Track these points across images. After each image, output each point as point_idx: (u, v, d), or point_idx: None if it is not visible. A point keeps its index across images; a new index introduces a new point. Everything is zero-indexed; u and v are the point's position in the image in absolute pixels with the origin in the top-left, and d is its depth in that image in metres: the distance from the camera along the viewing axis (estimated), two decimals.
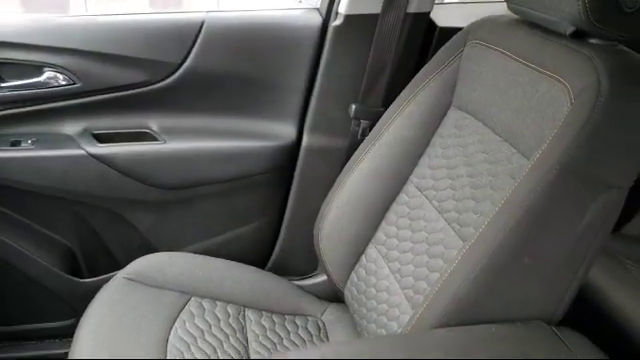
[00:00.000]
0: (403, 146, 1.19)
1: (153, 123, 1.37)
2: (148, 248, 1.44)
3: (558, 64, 0.85)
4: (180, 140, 1.36)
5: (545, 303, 0.81)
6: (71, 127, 1.34)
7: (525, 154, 0.89)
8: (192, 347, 1.11)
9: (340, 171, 1.27)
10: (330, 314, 1.30)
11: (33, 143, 1.30)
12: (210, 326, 1.18)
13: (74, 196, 1.35)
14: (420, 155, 1.18)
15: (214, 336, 1.16)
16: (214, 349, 1.12)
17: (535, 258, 0.78)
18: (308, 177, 1.41)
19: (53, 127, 1.33)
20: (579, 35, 0.86)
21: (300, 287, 1.36)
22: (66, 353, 1.13)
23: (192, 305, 1.22)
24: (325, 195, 1.28)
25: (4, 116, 1.29)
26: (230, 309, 1.24)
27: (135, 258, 1.27)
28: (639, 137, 0.78)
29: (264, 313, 1.26)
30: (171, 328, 1.14)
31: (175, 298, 1.22)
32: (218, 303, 1.24)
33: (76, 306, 1.43)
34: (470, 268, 0.80)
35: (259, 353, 1.15)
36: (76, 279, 1.43)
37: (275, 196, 1.47)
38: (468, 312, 0.80)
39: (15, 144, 1.30)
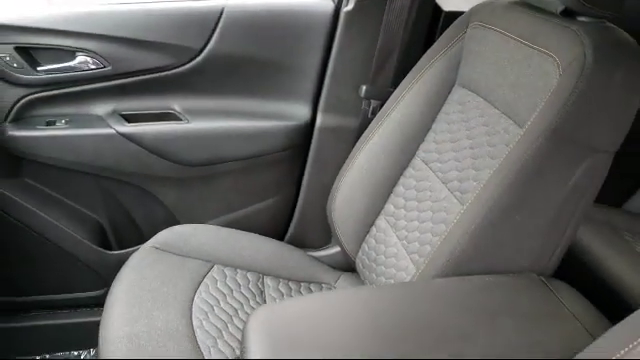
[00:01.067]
0: (410, 123, 1.26)
1: (176, 104, 1.46)
2: (172, 222, 1.53)
3: (549, 40, 0.92)
4: (202, 120, 1.46)
5: (537, 257, 0.89)
6: (101, 108, 1.44)
7: (520, 124, 0.96)
8: (215, 308, 1.20)
9: (352, 149, 1.35)
10: (343, 281, 1.38)
11: (66, 123, 1.40)
12: (232, 290, 1.27)
13: (104, 172, 1.45)
14: (427, 131, 1.26)
15: (235, 299, 1.25)
16: (235, 310, 1.21)
17: (526, 216, 0.86)
18: (322, 155, 1.49)
19: (85, 108, 1.43)
20: (569, 14, 0.93)
21: (315, 258, 1.45)
22: (97, 321, 1.22)
23: (215, 272, 1.31)
24: (338, 171, 1.36)
25: (40, 98, 1.39)
26: (250, 276, 1.32)
27: (160, 231, 1.36)
28: (622, 104, 0.85)
29: (281, 280, 1.35)
30: (195, 292, 1.23)
31: (199, 265, 1.31)
32: (238, 271, 1.33)
33: (105, 276, 1.53)
34: (467, 226, 0.88)
35: None
36: (105, 251, 1.53)
37: (291, 173, 1.56)
38: (465, 266, 0.88)
39: (50, 124, 1.40)
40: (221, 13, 1.39)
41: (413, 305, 0.79)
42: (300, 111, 1.49)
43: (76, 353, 1.60)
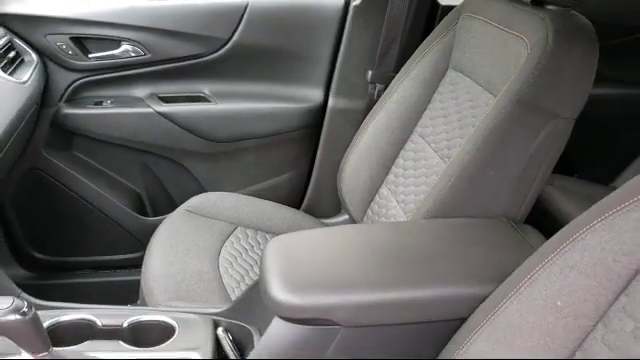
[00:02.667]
0: (410, 103, 1.42)
1: (206, 88, 1.65)
2: (201, 192, 1.70)
3: (521, 26, 1.08)
4: (227, 102, 1.64)
5: (508, 206, 1.04)
6: (141, 90, 1.63)
7: (496, 96, 1.12)
8: (238, 259, 1.38)
9: (359, 127, 1.51)
10: None
11: (111, 103, 1.60)
12: (252, 247, 1.44)
13: (143, 146, 1.64)
14: (423, 110, 1.41)
15: (255, 253, 1.42)
16: (255, 261, 1.39)
17: (498, 170, 1.02)
18: (333, 133, 1.66)
19: (127, 90, 1.63)
20: (539, 3, 1.09)
21: (327, 224, 1.62)
22: (135, 280, 1.39)
23: (238, 232, 1.48)
24: (347, 148, 1.53)
25: (90, 81, 1.59)
26: (268, 237, 1.50)
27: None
28: (579, 77, 1.01)
29: None
30: (222, 246, 1.41)
31: (224, 226, 1.48)
32: (258, 232, 1.50)
33: (142, 240, 1.72)
34: (448, 179, 1.05)
35: None
36: (142, 217, 1.72)
37: (306, 150, 1.73)
38: (446, 212, 1.04)
39: (97, 104, 1.60)
40: (245, 8, 1.57)
41: (399, 235, 0.95)
42: (314, 94, 1.67)
43: None
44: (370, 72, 1.57)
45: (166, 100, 1.63)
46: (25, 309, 0.76)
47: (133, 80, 1.62)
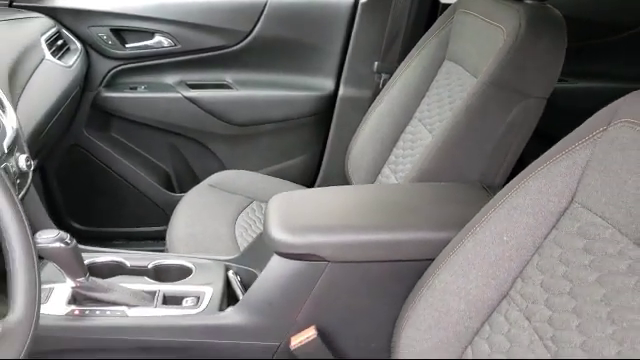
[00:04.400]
0: (410, 91, 1.56)
1: (228, 76, 1.82)
2: (222, 171, 1.88)
3: (500, 16, 1.21)
4: (247, 89, 1.81)
5: (484, 174, 1.17)
6: (171, 77, 1.81)
7: None
8: (252, 226, 1.53)
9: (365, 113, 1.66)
10: None
11: (145, 88, 1.78)
12: None
13: (171, 128, 1.82)
14: (422, 97, 1.55)
15: None
16: None
17: (474, 142, 1.15)
18: (342, 119, 1.81)
19: (159, 77, 1.81)
20: None
21: None
22: (161, 251, 1.55)
23: (254, 205, 1.64)
24: (355, 133, 1.67)
25: (126, 69, 1.78)
26: None
27: None
28: (547, 61, 1.13)
29: None
30: (239, 215, 1.56)
31: (242, 200, 1.64)
32: None
33: (169, 214, 1.88)
34: (430, 149, 1.18)
35: None
36: (170, 193, 1.89)
37: (317, 134, 1.88)
38: (428, 178, 1.18)
39: (132, 89, 1.79)
40: (265, 4, 1.74)
41: (382, 192, 1.10)
42: (325, 83, 1.82)
43: None
44: (376, 63, 1.71)
45: (193, 86, 1.80)
46: (68, 240, 0.92)
47: (164, 68, 1.80)
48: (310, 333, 0.96)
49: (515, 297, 0.79)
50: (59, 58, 1.55)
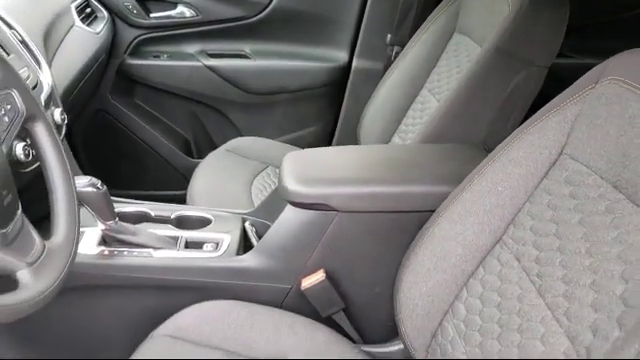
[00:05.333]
0: (420, 62, 1.62)
1: (247, 46, 1.89)
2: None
3: None
4: (265, 59, 1.88)
5: (486, 137, 1.23)
6: (192, 47, 1.88)
7: None
8: (267, 188, 1.60)
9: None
10: None
11: (167, 57, 1.86)
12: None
13: (191, 95, 1.89)
14: (432, 68, 1.60)
15: None
16: None
17: (477, 107, 1.22)
18: (355, 90, 1.88)
19: (180, 47, 1.88)
20: None
21: None
22: None
23: (268, 170, 1.71)
24: (367, 103, 1.74)
25: (150, 38, 1.85)
26: None
27: None
28: (549, 31, 1.18)
29: None
30: (254, 179, 1.64)
31: (258, 165, 1.71)
32: None
33: (188, 178, 1.96)
34: (437, 113, 1.25)
35: None
36: (189, 158, 1.97)
37: (331, 104, 1.95)
38: (434, 140, 1.24)
39: (156, 57, 1.86)
40: None
41: (389, 151, 1.17)
42: (340, 55, 1.89)
43: None
44: (389, 35, 1.77)
45: (213, 56, 1.87)
46: (99, 185, 1.01)
47: (186, 38, 1.87)
48: (319, 275, 1.04)
49: (507, 241, 0.86)
50: (88, 25, 1.63)
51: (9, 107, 0.74)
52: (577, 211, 0.76)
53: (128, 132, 1.92)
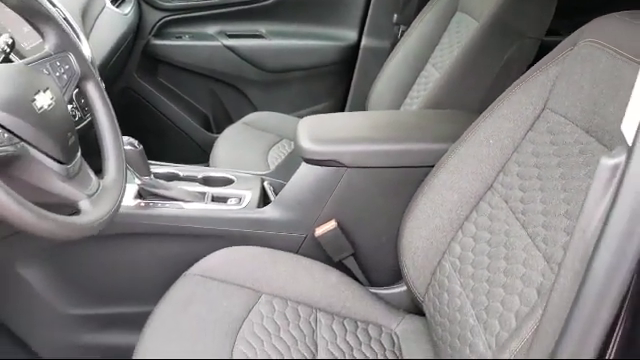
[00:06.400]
0: (424, 40, 1.71)
1: (262, 27, 2.00)
2: None
3: None
4: (279, 39, 1.99)
5: (483, 105, 1.33)
6: (212, 28, 2.00)
7: None
8: (282, 156, 1.71)
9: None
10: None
11: (189, 37, 1.97)
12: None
13: (211, 73, 2.01)
14: (435, 45, 1.70)
15: None
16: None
17: (475, 76, 1.32)
18: (364, 68, 1.98)
19: (201, 28, 2.00)
20: None
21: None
22: None
23: (283, 142, 1.81)
24: (375, 80, 1.84)
25: (173, 20, 1.97)
26: None
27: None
28: (541, 4, 1.28)
29: None
30: (269, 150, 1.74)
31: (273, 137, 1.82)
32: None
33: (207, 152, 2.08)
34: (438, 81, 1.35)
35: None
36: (208, 133, 2.09)
37: (341, 82, 2.06)
38: (434, 107, 1.35)
39: (178, 38, 1.98)
40: None
41: (393, 116, 1.28)
42: (349, 34, 1.99)
43: None
44: (395, 15, 1.87)
45: (231, 36, 1.98)
46: (136, 144, 1.12)
47: (206, 19, 1.98)
48: (331, 224, 1.16)
49: (497, 187, 0.97)
50: (117, 7, 1.74)
51: (67, 67, 0.85)
52: (556, 155, 0.86)
53: (152, 108, 2.04)
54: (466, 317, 0.90)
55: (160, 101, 2.02)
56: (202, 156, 2.12)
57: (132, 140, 1.12)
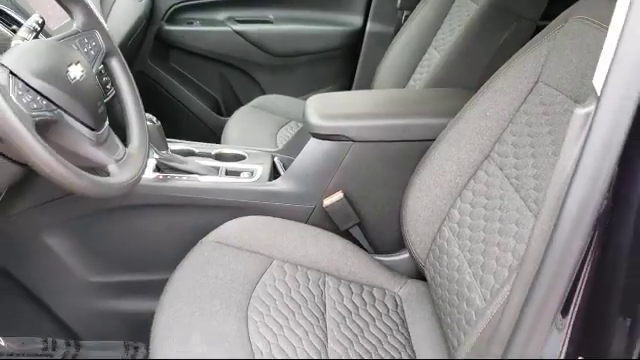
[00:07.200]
0: (426, 24, 1.77)
1: (270, 13, 2.06)
2: None
3: None
4: (286, 24, 2.05)
5: (479, 82, 1.39)
6: (222, 14, 2.06)
7: None
8: (289, 136, 1.78)
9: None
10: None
11: (200, 23, 2.03)
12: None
13: (221, 58, 2.07)
14: (437, 29, 1.75)
15: None
16: None
17: (474, 56, 1.37)
18: (369, 52, 2.04)
19: (211, 14, 2.06)
20: None
21: None
22: None
23: (291, 123, 1.88)
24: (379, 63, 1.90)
25: (184, 6, 2.03)
26: None
27: None
28: None
29: None
30: (278, 131, 1.80)
31: (281, 119, 1.88)
32: None
33: (217, 134, 2.15)
34: (438, 62, 1.41)
35: None
36: (219, 116, 2.16)
37: (347, 66, 2.12)
38: (438, 85, 1.41)
39: (189, 23, 2.04)
40: None
41: (397, 93, 1.34)
42: (355, 19, 2.05)
43: None
44: (399, 0, 1.92)
45: (240, 22, 2.04)
46: (154, 120, 1.19)
47: (216, 5, 2.04)
48: (338, 195, 1.22)
49: (494, 156, 1.03)
50: None
51: (94, 44, 0.92)
52: (548, 124, 0.93)
53: (165, 92, 2.10)
54: (463, 275, 0.96)
55: (172, 85, 2.09)
56: (212, 138, 2.17)
57: (150, 116, 1.19)
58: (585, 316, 0.53)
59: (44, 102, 0.74)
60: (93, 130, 0.82)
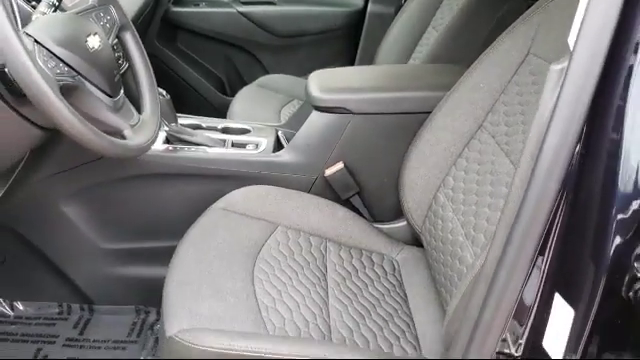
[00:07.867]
0: (426, 4, 1.80)
1: None
2: None
3: None
4: (289, 5, 2.10)
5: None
6: None
7: None
8: (292, 118, 1.83)
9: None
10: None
11: (206, 4, 2.08)
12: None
13: (226, 39, 2.11)
14: (436, 9, 1.79)
15: None
16: None
17: (470, 35, 1.42)
18: (370, 33, 2.08)
19: None
20: None
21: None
22: None
23: (294, 102, 1.93)
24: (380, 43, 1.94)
25: None
26: None
27: None
28: None
29: None
30: (281, 109, 1.85)
31: (285, 97, 1.92)
32: None
33: (224, 112, 2.19)
34: (436, 41, 1.45)
35: None
36: (224, 96, 2.20)
37: (348, 46, 2.16)
38: (434, 62, 1.45)
39: (196, 5, 2.08)
40: None
41: (397, 69, 1.39)
42: (356, 0, 2.09)
43: None
44: None
45: (244, 3, 2.09)
46: (164, 93, 1.24)
47: None
48: (339, 166, 1.27)
49: (486, 125, 1.08)
50: None
51: (109, 17, 0.97)
52: (536, 92, 0.97)
53: (172, 73, 2.15)
54: (456, 236, 1.02)
55: (179, 66, 2.13)
56: (220, 115, 2.23)
57: (161, 90, 1.24)
58: (559, 255, 0.59)
59: (66, 69, 0.79)
60: (110, 97, 0.87)
